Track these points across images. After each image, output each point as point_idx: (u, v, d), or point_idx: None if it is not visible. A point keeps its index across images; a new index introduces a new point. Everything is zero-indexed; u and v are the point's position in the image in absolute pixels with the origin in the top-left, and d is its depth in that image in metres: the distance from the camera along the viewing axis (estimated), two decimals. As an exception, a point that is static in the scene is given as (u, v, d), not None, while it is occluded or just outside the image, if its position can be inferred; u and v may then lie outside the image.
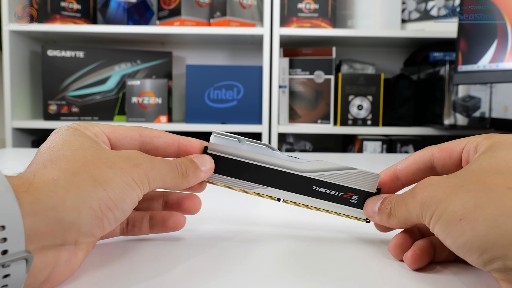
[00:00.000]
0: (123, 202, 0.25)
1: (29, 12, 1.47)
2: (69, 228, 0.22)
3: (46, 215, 0.21)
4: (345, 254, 0.30)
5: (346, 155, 0.89)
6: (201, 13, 1.49)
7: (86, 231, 0.23)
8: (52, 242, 0.22)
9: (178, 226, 0.31)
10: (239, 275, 0.26)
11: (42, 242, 0.21)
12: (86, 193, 0.23)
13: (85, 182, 0.23)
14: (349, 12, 1.50)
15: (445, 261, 0.28)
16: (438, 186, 0.24)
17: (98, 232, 0.24)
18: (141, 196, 0.26)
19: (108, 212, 0.24)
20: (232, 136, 0.30)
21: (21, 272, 0.20)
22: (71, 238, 0.23)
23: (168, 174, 0.28)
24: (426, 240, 0.28)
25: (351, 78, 1.45)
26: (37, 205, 0.21)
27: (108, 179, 0.24)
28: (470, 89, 1.36)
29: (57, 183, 0.22)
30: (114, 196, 0.24)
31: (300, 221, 0.37)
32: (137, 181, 0.26)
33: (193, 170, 0.29)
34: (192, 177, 0.29)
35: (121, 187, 0.24)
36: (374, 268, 0.27)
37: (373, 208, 0.29)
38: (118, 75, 1.53)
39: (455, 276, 0.26)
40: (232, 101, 1.48)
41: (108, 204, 0.24)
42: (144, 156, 0.27)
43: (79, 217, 0.22)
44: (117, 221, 0.25)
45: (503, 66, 0.86)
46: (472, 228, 0.21)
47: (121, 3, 1.49)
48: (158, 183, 0.27)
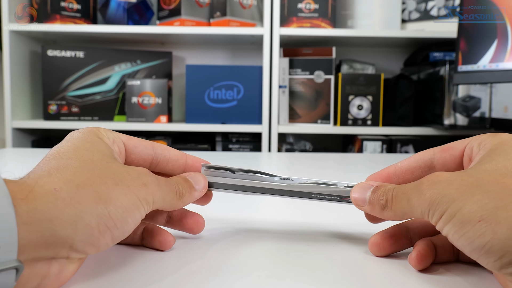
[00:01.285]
0: (124, 223, 0.24)
1: (29, 12, 1.47)
2: (63, 243, 0.21)
3: (41, 227, 0.20)
4: (345, 254, 0.30)
5: (346, 155, 0.89)
6: (201, 13, 1.49)
7: (79, 248, 0.22)
8: (44, 255, 0.21)
9: (165, 246, 0.29)
10: (239, 275, 0.26)
11: (34, 253, 0.20)
12: (86, 209, 0.22)
13: (87, 197, 0.22)
14: (349, 12, 1.50)
15: (446, 261, 0.28)
16: (449, 184, 0.23)
17: (91, 250, 0.23)
18: (143, 216, 0.26)
19: (106, 232, 0.23)
20: (223, 168, 0.31)
21: (10, 282, 0.20)
22: (63, 253, 0.22)
23: (168, 195, 0.28)
24: (427, 241, 0.28)
25: (351, 78, 1.45)
26: (33, 215, 0.20)
27: (112, 196, 0.23)
28: (470, 89, 1.36)
29: (58, 195, 0.22)
30: (116, 216, 0.23)
31: (300, 221, 0.37)
32: (142, 200, 0.25)
33: (188, 190, 0.29)
34: (187, 198, 0.29)
35: (125, 207, 0.24)
36: (376, 268, 0.27)
37: (363, 196, 0.28)
38: (118, 75, 1.53)
39: (459, 276, 0.26)
40: (232, 101, 1.48)
41: (107, 223, 0.23)
42: (152, 176, 0.27)
43: (74, 232, 0.21)
44: (115, 241, 0.24)
45: (503, 66, 0.86)
46: (493, 230, 0.21)
47: (121, 3, 1.49)
48: (159, 204, 0.27)
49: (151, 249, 0.30)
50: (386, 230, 0.29)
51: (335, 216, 0.39)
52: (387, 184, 0.27)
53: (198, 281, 0.25)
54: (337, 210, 0.41)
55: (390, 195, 0.26)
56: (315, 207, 0.42)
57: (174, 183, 0.29)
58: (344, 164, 0.76)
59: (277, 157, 0.88)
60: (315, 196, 0.31)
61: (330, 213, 0.40)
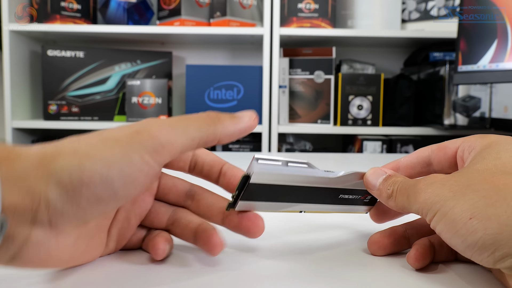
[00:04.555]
0: (106, 179, 0.21)
1: (29, 12, 1.47)
2: (38, 201, 0.20)
3: (18, 184, 0.20)
4: (346, 254, 0.30)
5: (346, 155, 0.89)
6: (201, 13, 1.49)
7: (58, 208, 0.21)
8: (22, 216, 0.20)
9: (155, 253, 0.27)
10: (239, 275, 0.26)
11: (13, 212, 0.20)
12: (59, 163, 0.21)
13: (63, 154, 0.21)
14: (349, 12, 1.50)
15: (444, 260, 0.28)
16: (443, 185, 0.24)
17: (73, 210, 0.21)
18: (146, 169, 0.22)
19: (82, 188, 0.21)
20: (275, 159, 0.26)
21: None
22: (42, 215, 0.21)
23: (189, 125, 0.24)
24: (425, 240, 0.28)
25: (351, 78, 1.45)
26: (11, 171, 0.20)
27: (90, 151, 0.21)
28: (470, 89, 1.36)
29: (35, 155, 0.21)
30: (92, 170, 0.21)
31: (300, 221, 0.37)
32: (136, 148, 0.22)
33: (228, 116, 0.26)
34: (228, 122, 0.25)
35: (107, 160, 0.21)
36: (376, 268, 0.27)
37: (374, 182, 0.28)
38: (118, 75, 1.53)
39: (458, 275, 0.26)
40: (232, 101, 1.48)
41: (81, 179, 0.21)
42: (152, 119, 0.23)
43: (47, 188, 0.20)
44: (103, 201, 0.21)
45: (503, 66, 0.86)
46: (484, 226, 0.21)
47: (121, 3, 1.49)
48: (182, 141, 0.23)
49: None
50: (385, 230, 0.30)
51: (334, 214, 0.39)
52: (398, 176, 0.28)
53: (199, 281, 0.25)
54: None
55: (396, 187, 0.27)
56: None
57: (198, 114, 0.25)
58: (344, 164, 0.76)
59: (277, 157, 0.88)
60: (342, 196, 0.29)
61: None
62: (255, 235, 0.28)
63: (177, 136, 0.23)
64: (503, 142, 0.27)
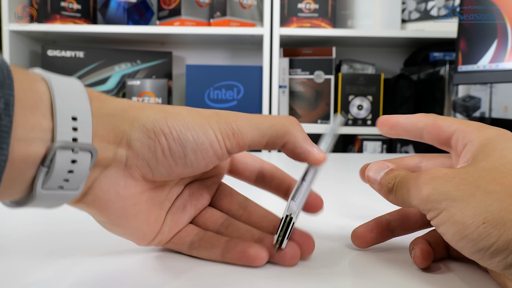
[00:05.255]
0: (183, 138, 0.24)
1: (29, 12, 1.47)
2: (121, 138, 0.23)
3: (106, 120, 0.23)
4: (345, 253, 0.30)
5: (346, 155, 0.89)
6: (201, 13, 1.49)
7: (136, 149, 0.23)
8: (106, 149, 0.22)
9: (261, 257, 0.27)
10: (239, 275, 0.26)
11: (99, 144, 0.22)
12: (145, 112, 0.24)
13: (151, 107, 0.24)
14: (349, 12, 1.50)
15: (438, 258, 0.28)
16: (447, 181, 0.23)
17: (149, 155, 0.23)
18: (216, 146, 0.24)
19: (161, 137, 0.23)
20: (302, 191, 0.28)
21: (86, 163, 0.21)
22: (122, 153, 0.23)
23: (263, 122, 0.26)
24: (422, 239, 0.28)
25: (351, 78, 1.45)
26: (101, 110, 0.23)
27: (176, 113, 0.24)
28: (470, 89, 1.36)
29: (124, 102, 0.24)
30: (173, 126, 0.23)
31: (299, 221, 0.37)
32: (213, 125, 0.24)
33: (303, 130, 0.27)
34: (301, 132, 0.27)
35: (187, 123, 0.24)
36: (376, 268, 0.27)
37: (376, 176, 0.28)
38: (118, 75, 1.53)
39: (456, 275, 0.26)
40: (232, 101, 1.48)
41: (163, 128, 0.23)
42: (232, 112, 0.26)
43: (131, 129, 0.23)
44: (174, 157, 0.24)
45: (503, 66, 0.86)
46: (499, 232, 0.21)
47: (121, 3, 1.49)
48: (252, 134, 0.25)
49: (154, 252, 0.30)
50: (368, 223, 0.30)
51: (335, 215, 0.39)
52: (401, 169, 0.27)
53: (199, 281, 0.25)
54: (336, 209, 0.41)
55: (397, 181, 0.26)
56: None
57: (276, 115, 0.27)
58: (344, 164, 0.76)
59: (277, 157, 0.88)
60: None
61: (329, 211, 0.40)
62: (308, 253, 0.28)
63: (249, 128, 0.25)
64: (505, 138, 0.26)
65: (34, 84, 0.21)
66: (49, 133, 0.20)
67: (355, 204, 0.46)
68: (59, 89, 0.21)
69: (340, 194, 0.50)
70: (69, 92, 0.21)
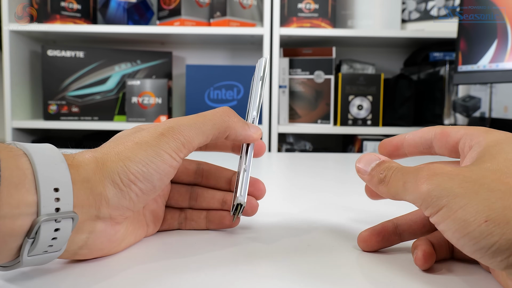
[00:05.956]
0: (147, 175, 0.26)
1: (29, 12, 1.47)
2: (100, 199, 0.25)
3: (83, 186, 0.25)
4: (346, 254, 0.30)
5: (346, 155, 0.89)
6: (201, 13, 1.49)
7: (115, 203, 0.26)
8: (88, 212, 0.25)
9: (233, 224, 0.33)
10: (239, 275, 0.26)
11: (81, 209, 0.24)
12: (109, 169, 0.26)
13: (110, 159, 0.26)
14: (349, 12, 1.50)
15: (442, 259, 0.28)
16: (450, 178, 0.23)
17: (126, 203, 0.26)
18: (174, 163, 0.27)
19: (131, 185, 0.26)
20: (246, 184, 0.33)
21: (68, 229, 0.23)
22: (104, 211, 0.26)
23: (205, 124, 0.29)
24: (426, 240, 0.28)
25: (351, 78, 1.45)
26: (77, 176, 0.25)
27: (130, 155, 0.26)
28: (470, 89, 1.36)
29: (91, 162, 0.26)
30: (135, 170, 0.26)
31: (300, 221, 0.37)
32: (165, 148, 0.27)
33: (240, 118, 0.31)
34: (238, 123, 0.31)
35: (144, 161, 0.26)
36: (376, 268, 0.27)
37: (366, 167, 0.28)
38: (118, 75, 1.53)
39: (457, 276, 0.26)
40: (232, 101, 1.48)
41: (129, 178, 0.26)
42: (173, 120, 0.29)
43: (105, 189, 0.25)
44: (146, 193, 0.27)
45: (503, 66, 0.86)
46: (502, 231, 0.20)
47: (121, 3, 1.49)
48: (198, 139, 0.29)
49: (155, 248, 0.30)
50: (375, 227, 0.30)
51: (335, 214, 0.39)
52: (393, 162, 0.27)
53: (199, 281, 0.25)
54: (336, 209, 0.41)
55: (390, 172, 0.26)
56: (314, 205, 0.42)
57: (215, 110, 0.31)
58: (344, 164, 0.76)
59: (277, 157, 0.88)
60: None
61: (329, 211, 0.40)
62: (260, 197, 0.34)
63: (195, 134, 0.28)
64: (509, 140, 0.26)
65: (18, 160, 0.22)
66: (34, 207, 0.22)
67: (355, 203, 0.46)
68: (40, 163, 0.23)
69: (340, 194, 0.50)
70: (50, 163, 0.23)
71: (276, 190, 0.52)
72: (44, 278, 0.25)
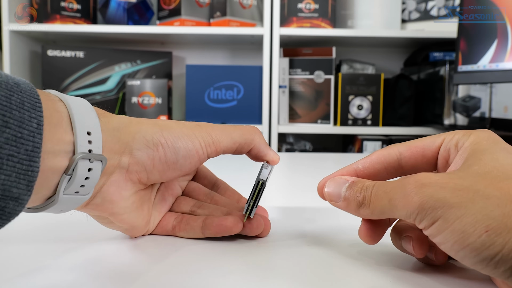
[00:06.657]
0: (176, 146, 0.28)
1: (29, 12, 1.47)
2: (124, 148, 0.27)
3: (112, 134, 0.27)
4: (346, 254, 0.30)
5: (346, 155, 0.89)
6: (201, 13, 1.49)
7: (137, 156, 0.27)
8: (112, 158, 0.26)
9: (235, 227, 0.30)
10: (239, 275, 0.26)
11: (107, 154, 0.26)
12: (144, 127, 0.28)
13: (147, 122, 0.29)
14: (349, 12, 1.50)
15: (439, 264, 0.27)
16: (441, 187, 0.21)
17: (147, 162, 0.28)
18: (201, 152, 0.29)
19: (158, 147, 0.28)
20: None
21: (99, 170, 0.25)
22: (124, 160, 0.27)
23: (234, 132, 0.31)
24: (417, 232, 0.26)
25: (351, 78, 1.45)
26: (107, 125, 0.27)
27: (169, 127, 0.29)
28: (470, 89, 1.36)
29: (124, 118, 0.28)
30: (168, 137, 0.28)
31: (300, 221, 0.37)
32: (197, 135, 0.29)
33: (263, 138, 0.33)
34: (262, 140, 0.32)
35: (177, 134, 0.29)
36: (376, 268, 0.27)
37: (337, 192, 0.26)
38: (118, 75, 1.54)
39: (456, 277, 0.26)
40: (232, 101, 1.48)
41: (159, 140, 0.28)
42: (208, 123, 0.31)
43: (133, 140, 0.27)
44: (168, 160, 0.28)
45: (503, 66, 0.86)
46: (504, 240, 0.19)
47: (121, 3, 1.49)
48: (227, 141, 0.31)
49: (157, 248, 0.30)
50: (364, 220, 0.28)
51: (335, 214, 0.39)
52: (365, 180, 0.26)
53: (198, 281, 0.25)
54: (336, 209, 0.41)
55: (369, 192, 0.25)
56: (314, 205, 0.42)
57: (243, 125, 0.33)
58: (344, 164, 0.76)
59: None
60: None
61: (329, 211, 0.40)
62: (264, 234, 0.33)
63: (224, 137, 0.31)
64: (494, 140, 0.24)
65: (56, 104, 0.24)
66: (71, 146, 0.24)
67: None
68: (75, 108, 0.25)
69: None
70: (83, 111, 0.25)
71: (276, 190, 0.52)
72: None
